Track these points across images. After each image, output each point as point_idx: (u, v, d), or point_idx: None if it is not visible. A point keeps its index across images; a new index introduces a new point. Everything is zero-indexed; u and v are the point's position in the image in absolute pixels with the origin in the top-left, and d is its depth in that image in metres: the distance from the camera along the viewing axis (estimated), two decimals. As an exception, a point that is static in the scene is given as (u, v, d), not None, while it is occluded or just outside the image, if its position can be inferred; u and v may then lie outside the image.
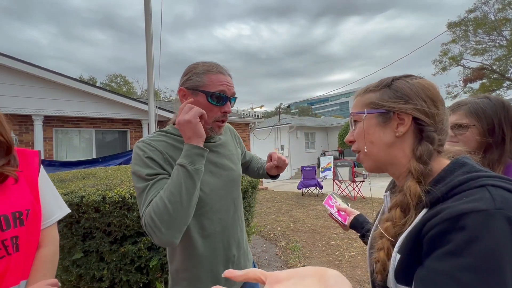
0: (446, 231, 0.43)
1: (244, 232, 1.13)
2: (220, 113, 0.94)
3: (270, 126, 16.96)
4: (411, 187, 0.55)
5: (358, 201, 7.07)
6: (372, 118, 0.63)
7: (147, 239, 2.09)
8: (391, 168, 0.64)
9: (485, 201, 0.43)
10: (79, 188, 2.20)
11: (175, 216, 0.76)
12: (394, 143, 0.62)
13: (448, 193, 0.50)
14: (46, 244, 0.86)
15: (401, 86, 0.61)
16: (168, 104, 13.29)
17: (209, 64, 0.95)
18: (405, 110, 0.60)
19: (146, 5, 4.15)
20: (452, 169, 0.54)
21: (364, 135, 0.64)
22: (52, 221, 0.90)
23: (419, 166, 0.56)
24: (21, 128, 6.96)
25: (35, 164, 0.88)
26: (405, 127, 0.60)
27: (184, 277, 0.96)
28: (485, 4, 17.54)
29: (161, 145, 0.90)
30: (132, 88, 34.83)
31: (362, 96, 0.67)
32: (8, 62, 6.39)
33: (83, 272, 2.10)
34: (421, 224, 0.49)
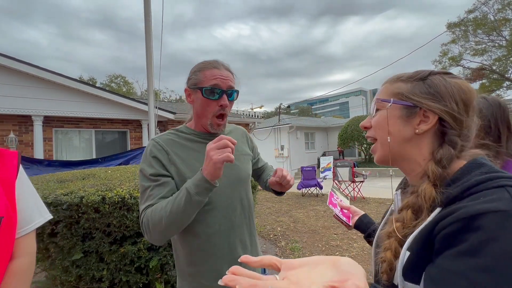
0: (461, 230, 0.42)
1: (254, 235, 1.10)
2: (217, 107, 0.95)
3: (270, 127, 16.96)
4: (427, 190, 0.53)
5: (358, 201, 7.07)
6: (396, 109, 0.60)
7: (146, 239, 2.09)
8: (403, 163, 0.63)
9: (504, 201, 0.42)
10: (78, 188, 2.20)
11: (166, 231, 0.84)
12: (412, 139, 0.59)
13: (464, 192, 0.48)
14: (20, 255, 0.78)
15: (437, 82, 0.58)
16: (168, 104, 13.29)
17: (206, 62, 0.99)
18: (432, 109, 0.57)
19: (145, 5, 4.15)
20: (469, 169, 0.52)
21: (383, 124, 0.61)
22: (30, 228, 0.81)
23: (437, 169, 0.54)
24: (20, 129, 6.95)
25: (12, 166, 0.80)
26: (428, 125, 0.57)
27: (189, 272, 0.97)
28: (484, 5, 17.56)
29: (169, 144, 0.95)
30: (132, 88, 34.85)
31: (391, 84, 0.63)
32: (8, 62, 6.39)
33: (83, 273, 2.10)
34: (434, 223, 0.48)
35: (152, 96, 4.41)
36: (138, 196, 2.04)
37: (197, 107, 0.99)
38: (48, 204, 2.02)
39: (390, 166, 0.64)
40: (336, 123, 20.54)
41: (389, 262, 0.55)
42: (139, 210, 0.90)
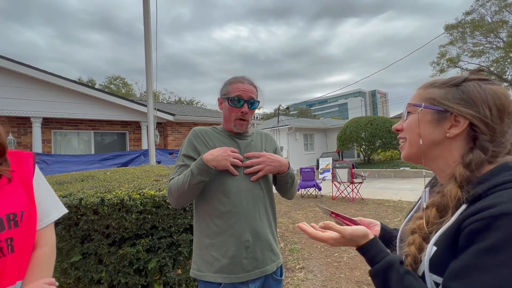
0: (484, 228, 0.45)
1: (269, 227, 1.22)
2: (239, 113, 1.20)
3: (269, 128, 16.98)
4: (452, 190, 0.55)
5: (356, 203, 7.08)
6: (427, 113, 0.62)
7: (145, 241, 2.10)
8: (431, 163, 0.65)
9: None
10: (77, 190, 2.20)
11: (179, 198, 1.14)
12: (442, 142, 0.61)
13: (489, 190, 0.50)
14: (42, 245, 0.86)
15: (471, 89, 0.59)
16: (167, 105, 13.28)
17: (235, 77, 1.26)
18: (463, 114, 0.58)
19: (144, 7, 4.17)
20: (498, 171, 0.54)
21: (413, 127, 0.64)
22: (49, 221, 0.90)
23: (465, 172, 0.56)
24: (19, 130, 6.94)
25: (29, 166, 0.89)
26: (458, 130, 0.58)
27: (206, 244, 1.15)
28: (482, 7, 17.67)
29: (206, 133, 1.24)
30: (131, 90, 34.83)
31: (424, 90, 0.65)
32: (7, 64, 6.39)
33: (82, 275, 2.10)
34: (461, 220, 0.50)
35: (152, 97, 4.42)
36: (137, 198, 2.05)
37: (225, 112, 1.25)
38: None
39: (419, 164, 0.68)
40: (335, 124, 20.58)
41: (413, 256, 0.58)
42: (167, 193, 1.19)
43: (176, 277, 2.23)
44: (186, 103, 36.35)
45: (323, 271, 3.16)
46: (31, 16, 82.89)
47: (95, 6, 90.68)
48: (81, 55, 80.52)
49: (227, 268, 1.10)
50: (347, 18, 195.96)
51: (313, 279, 2.97)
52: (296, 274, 3.11)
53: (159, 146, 8.74)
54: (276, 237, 1.28)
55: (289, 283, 2.90)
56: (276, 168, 1.20)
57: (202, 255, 1.15)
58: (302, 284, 2.87)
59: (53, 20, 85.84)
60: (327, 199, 7.77)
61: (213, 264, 1.11)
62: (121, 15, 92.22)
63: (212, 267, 1.11)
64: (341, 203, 7.16)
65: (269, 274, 1.17)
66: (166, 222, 2.15)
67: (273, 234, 1.25)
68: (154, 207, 2.09)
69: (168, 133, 9.33)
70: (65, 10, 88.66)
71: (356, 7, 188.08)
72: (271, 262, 1.18)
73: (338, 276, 3.02)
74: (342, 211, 6.21)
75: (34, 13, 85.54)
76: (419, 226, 0.58)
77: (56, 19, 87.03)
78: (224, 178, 1.14)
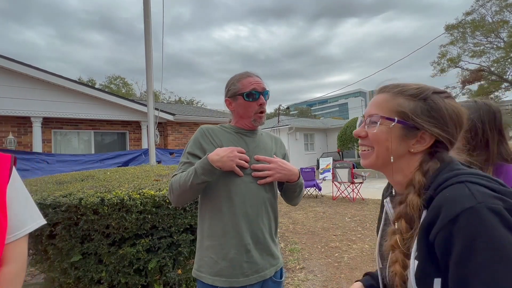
0: (449, 236, 0.47)
1: (270, 231, 1.20)
2: (257, 106, 1.19)
3: (269, 128, 16.97)
4: (413, 200, 0.56)
5: (357, 203, 7.07)
6: (398, 128, 0.62)
7: (145, 241, 2.09)
8: (392, 175, 0.65)
9: (466, 197, 0.47)
10: (77, 190, 2.19)
11: (179, 196, 1.12)
12: (404, 156, 0.62)
13: (436, 189, 0.54)
14: (9, 261, 0.75)
15: (439, 106, 0.60)
16: (168, 105, 13.27)
17: (240, 73, 1.24)
18: (433, 133, 0.59)
19: (145, 7, 4.16)
20: (441, 170, 0.57)
21: (383, 140, 0.63)
22: (21, 234, 0.79)
23: (422, 180, 0.58)
24: (19, 130, 6.94)
25: (4, 170, 0.79)
26: (423, 146, 0.61)
27: (206, 245, 1.13)
28: (482, 7, 17.65)
29: (213, 131, 1.21)
30: (131, 89, 34.83)
31: (393, 98, 0.64)
32: (7, 63, 6.38)
33: (82, 275, 2.09)
34: (425, 227, 0.51)
35: (152, 97, 4.41)
36: (137, 197, 2.04)
37: (239, 110, 1.21)
38: (47, 206, 2.02)
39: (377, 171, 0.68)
40: (335, 124, 20.57)
41: (400, 275, 0.57)
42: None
43: (176, 277, 2.22)
44: (186, 103, 36.35)
45: (323, 271, 3.15)
46: (31, 16, 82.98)
47: (95, 6, 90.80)
48: (81, 55, 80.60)
49: (226, 272, 1.08)
50: (347, 18, 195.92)
51: (313, 279, 2.96)
52: (297, 274, 3.11)
53: (159, 146, 8.74)
54: (277, 240, 1.26)
55: (289, 283, 2.89)
56: (287, 176, 1.18)
57: (203, 256, 1.14)
58: (303, 284, 2.87)
59: (53, 20, 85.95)
60: (328, 199, 7.76)
61: (212, 267, 1.10)
62: (121, 15, 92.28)
63: (211, 269, 1.09)
64: (341, 203, 7.15)
65: (267, 279, 1.16)
66: (166, 222, 2.15)
67: (274, 238, 1.23)
68: (154, 207, 2.09)
69: (168, 133, 9.33)
70: (65, 10, 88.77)
71: (356, 7, 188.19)
72: (270, 267, 1.17)
73: (339, 276, 3.01)
74: (343, 211, 6.22)
75: (34, 13, 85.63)
76: (397, 243, 0.58)
77: (56, 19, 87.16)
78: (229, 178, 1.12)
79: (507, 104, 19.39)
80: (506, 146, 0.98)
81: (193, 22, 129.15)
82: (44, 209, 1.99)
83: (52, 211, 1.99)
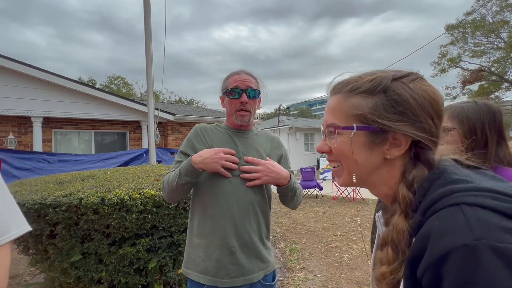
0: (436, 277, 0.37)
1: (259, 234, 1.17)
2: (238, 104, 1.17)
3: (269, 128, 16.97)
4: (399, 224, 0.46)
5: (357, 203, 7.07)
6: (360, 135, 0.51)
7: (145, 241, 2.09)
8: (373, 189, 0.56)
9: (460, 230, 0.35)
10: (77, 190, 2.19)
11: (169, 194, 1.16)
12: (382, 165, 0.51)
13: (424, 215, 0.43)
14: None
15: (403, 96, 0.48)
16: (168, 105, 13.28)
17: (232, 72, 1.23)
18: (406, 132, 0.48)
19: (145, 7, 4.16)
20: (432, 180, 0.46)
21: (347, 153, 0.53)
22: (3, 240, 0.71)
23: (408, 195, 0.47)
24: (20, 130, 6.94)
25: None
26: (400, 150, 0.49)
27: (194, 242, 1.15)
28: (482, 7, 17.65)
29: (206, 130, 1.22)
30: (131, 89, 34.84)
31: (345, 99, 0.53)
32: (7, 63, 6.39)
33: (82, 274, 2.09)
34: (411, 261, 0.42)
35: (152, 97, 4.41)
36: (137, 197, 2.04)
37: (226, 107, 1.23)
38: (47, 205, 2.02)
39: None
40: (335, 124, 20.54)
41: None
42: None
43: (176, 277, 2.22)
44: (186, 103, 36.37)
45: (323, 271, 3.15)
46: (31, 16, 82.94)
47: (95, 5, 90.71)
48: (81, 55, 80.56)
49: (212, 271, 1.09)
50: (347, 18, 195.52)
51: (313, 280, 2.96)
52: (297, 274, 3.11)
53: (159, 145, 8.75)
54: (268, 243, 1.23)
55: (289, 283, 2.89)
56: (275, 179, 1.13)
57: (191, 253, 1.15)
58: (303, 284, 2.87)
59: (53, 20, 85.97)
60: (328, 199, 7.76)
61: (199, 264, 1.11)
62: (121, 14, 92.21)
63: (198, 266, 1.11)
64: (341, 203, 7.15)
65: (255, 282, 1.14)
66: (166, 222, 2.15)
67: (264, 241, 1.20)
68: (154, 207, 2.09)
69: (168, 133, 9.34)
70: (65, 9, 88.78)
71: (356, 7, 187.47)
72: (258, 270, 1.14)
73: (339, 277, 3.01)
74: (343, 211, 6.21)
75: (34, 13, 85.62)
76: (383, 275, 0.49)
77: (56, 18, 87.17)
78: (216, 179, 1.11)
79: (507, 104, 19.38)
80: (506, 149, 0.97)
81: (193, 22, 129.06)
82: (44, 209, 1.99)
83: (53, 210, 1.99)
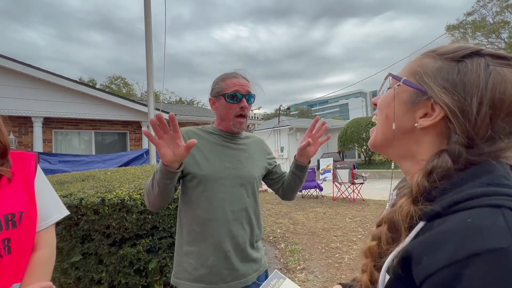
0: (454, 280, 0.32)
1: (252, 236, 1.16)
2: (238, 109, 1.13)
3: (269, 128, 16.97)
4: (404, 207, 0.43)
5: (357, 203, 7.06)
6: (406, 91, 0.48)
7: (146, 241, 2.09)
8: (399, 159, 0.52)
9: (499, 233, 0.31)
10: (78, 190, 2.19)
11: (149, 201, 1.06)
12: (411, 132, 0.47)
13: (450, 207, 0.38)
14: (41, 247, 0.85)
15: (470, 68, 0.42)
16: (168, 106, 13.29)
17: (227, 73, 1.18)
18: (440, 102, 0.43)
19: (145, 7, 4.17)
20: (471, 176, 0.40)
21: (386, 105, 0.51)
22: (49, 223, 0.88)
23: (423, 183, 0.42)
24: (20, 130, 6.94)
25: (31, 166, 0.89)
26: (430, 121, 0.44)
27: (185, 250, 1.10)
28: (483, 7, 17.66)
29: (190, 133, 1.14)
30: (132, 90, 34.85)
31: (423, 57, 0.49)
32: (8, 63, 6.39)
33: (82, 275, 2.09)
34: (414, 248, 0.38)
35: (152, 97, 4.41)
36: (138, 198, 2.04)
37: (221, 111, 1.16)
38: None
39: (386, 156, 0.55)
40: (335, 124, 20.55)
41: (365, 286, 0.48)
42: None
43: (177, 278, 2.22)
44: (187, 103, 36.37)
45: (323, 272, 3.15)
46: (31, 15, 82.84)
47: (95, 6, 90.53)
48: (82, 55, 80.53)
49: (205, 278, 1.05)
50: (347, 18, 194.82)
51: (313, 280, 2.96)
52: (297, 275, 3.10)
53: (159, 146, 8.73)
54: (260, 244, 1.23)
55: (289, 284, 2.89)
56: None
57: (182, 262, 1.10)
58: (303, 285, 2.86)
59: (53, 20, 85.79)
60: (328, 200, 7.76)
61: (191, 273, 1.06)
62: (121, 14, 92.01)
63: (190, 275, 1.06)
64: (342, 203, 7.14)
65: (250, 284, 1.13)
66: (166, 222, 2.15)
67: (257, 244, 1.20)
68: (154, 207, 2.08)
69: (168, 133, 9.32)
70: (65, 10, 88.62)
71: (356, 7, 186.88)
72: (252, 272, 1.14)
73: (339, 277, 3.01)
74: (343, 212, 6.21)
75: (34, 12, 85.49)
76: (371, 250, 0.47)
77: (56, 18, 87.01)
78: (209, 183, 1.08)
79: (508, 105, 19.31)
80: None
81: (193, 22, 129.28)
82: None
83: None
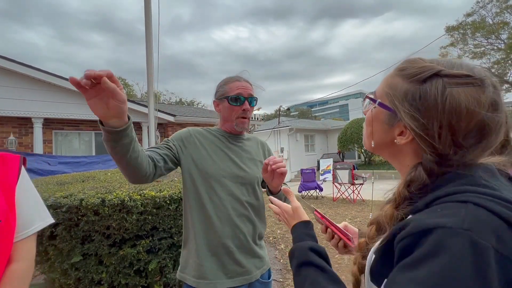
0: (411, 244, 0.40)
1: (255, 234, 1.19)
2: (240, 111, 1.18)
3: (269, 129, 16.98)
4: (387, 211, 0.50)
5: (357, 204, 7.06)
6: (381, 112, 0.55)
7: (146, 242, 2.09)
8: (392, 161, 0.59)
9: (455, 218, 0.38)
10: (78, 191, 2.20)
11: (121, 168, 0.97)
12: (394, 145, 0.54)
13: (430, 203, 0.44)
14: (18, 259, 0.77)
15: (432, 91, 0.46)
16: (168, 106, 13.30)
17: (230, 76, 1.24)
18: (408, 127, 0.49)
19: (146, 8, 4.17)
20: (451, 179, 0.46)
21: (367, 122, 0.58)
22: (29, 232, 0.80)
23: (403, 193, 0.49)
24: (20, 131, 6.95)
25: (13, 170, 0.81)
26: (404, 140, 0.51)
27: (190, 245, 1.14)
28: (482, 8, 17.67)
29: (197, 133, 1.20)
30: (132, 90, 34.86)
31: (393, 76, 0.54)
32: (8, 64, 6.40)
33: (82, 276, 2.09)
34: (396, 230, 0.45)
35: (152, 98, 4.41)
36: (138, 198, 2.04)
37: (224, 113, 1.22)
38: (47, 206, 2.01)
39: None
40: (335, 125, 20.56)
41: (355, 276, 0.54)
42: None
43: (177, 278, 2.22)
44: (187, 104, 36.40)
45: (324, 273, 3.14)
46: (31, 16, 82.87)
47: (95, 6, 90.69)
48: (82, 56, 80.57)
49: (210, 274, 1.08)
50: (347, 19, 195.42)
51: (314, 281, 2.95)
52: (297, 275, 3.10)
53: (159, 146, 8.74)
54: (262, 242, 1.27)
55: (289, 284, 2.88)
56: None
57: (187, 258, 1.14)
58: (303, 285, 2.86)
59: (53, 21, 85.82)
60: (328, 200, 7.75)
61: (195, 269, 1.10)
62: (121, 15, 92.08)
63: (195, 272, 1.10)
64: (342, 204, 7.14)
65: (253, 281, 1.16)
66: (166, 223, 2.15)
67: (259, 240, 1.23)
68: (154, 208, 2.09)
69: (168, 134, 9.34)
70: (65, 10, 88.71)
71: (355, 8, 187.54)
72: (256, 269, 1.17)
73: (339, 278, 3.00)
74: (343, 212, 6.20)
75: (34, 13, 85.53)
76: (360, 245, 0.55)
77: (56, 19, 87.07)
78: (212, 181, 1.13)
79: (508, 105, 19.33)
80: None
81: (193, 23, 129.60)
82: (44, 210, 1.99)
83: (53, 212, 1.99)
